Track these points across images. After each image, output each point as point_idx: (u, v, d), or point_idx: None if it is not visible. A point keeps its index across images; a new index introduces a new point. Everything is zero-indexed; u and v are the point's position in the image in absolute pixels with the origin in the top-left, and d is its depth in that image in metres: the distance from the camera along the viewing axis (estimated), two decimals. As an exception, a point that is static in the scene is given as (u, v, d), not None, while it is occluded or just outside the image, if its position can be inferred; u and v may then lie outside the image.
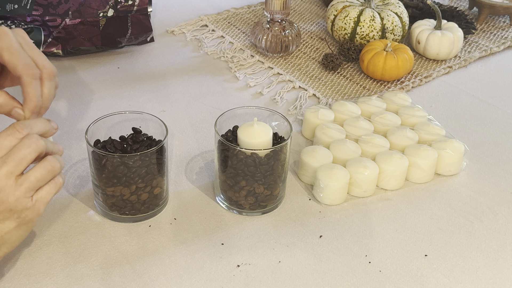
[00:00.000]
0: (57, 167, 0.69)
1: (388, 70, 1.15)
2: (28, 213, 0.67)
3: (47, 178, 0.68)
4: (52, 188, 0.69)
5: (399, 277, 0.79)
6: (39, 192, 0.68)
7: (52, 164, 0.68)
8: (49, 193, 0.69)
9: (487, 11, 1.39)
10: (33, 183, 0.66)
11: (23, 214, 0.66)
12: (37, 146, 0.67)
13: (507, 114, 1.12)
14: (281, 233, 0.84)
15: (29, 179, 0.66)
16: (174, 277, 0.77)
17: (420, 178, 0.94)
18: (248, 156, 0.82)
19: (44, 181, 0.68)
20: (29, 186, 0.66)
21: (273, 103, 1.12)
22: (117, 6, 1.16)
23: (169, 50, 1.26)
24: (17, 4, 1.13)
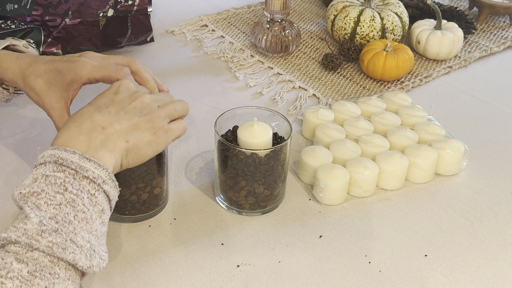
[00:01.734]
0: (188, 107, 0.80)
1: (388, 70, 1.15)
2: (162, 134, 0.74)
3: (180, 113, 0.78)
4: (181, 127, 0.78)
5: (399, 277, 0.79)
6: (173, 123, 0.77)
7: (186, 104, 0.80)
8: (178, 129, 0.77)
9: (487, 11, 1.39)
10: (171, 109, 0.77)
11: (158, 132, 0.74)
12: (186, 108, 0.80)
13: (507, 114, 1.12)
14: (281, 233, 0.84)
15: (169, 106, 0.77)
16: (174, 277, 0.77)
17: (420, 178, 0.94)
18: (248, 156, 0.82)
19: (178, 114, 0.78)
20: (168, 111, 0.76)
21: (273, 103, 1.12)
22: (117, 6, 1.16)
23: (169, 50, 1.26)
24: (17, 4, 1.13)
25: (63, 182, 0.64)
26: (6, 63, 0.84)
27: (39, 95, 0.82)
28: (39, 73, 0.82)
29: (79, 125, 0.70)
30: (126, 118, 0.72)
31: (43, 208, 0.62)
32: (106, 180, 0.67)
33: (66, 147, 0.67)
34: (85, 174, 0.66)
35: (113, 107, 0.72)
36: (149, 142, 0.73)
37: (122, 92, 0.74)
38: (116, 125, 0.71)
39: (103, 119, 0.70)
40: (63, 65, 0.81)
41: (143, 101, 0.74)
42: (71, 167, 0.66)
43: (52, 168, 0.65)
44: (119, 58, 0.84)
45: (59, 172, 0.65)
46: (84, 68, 0.80)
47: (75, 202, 0.64)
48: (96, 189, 0.66)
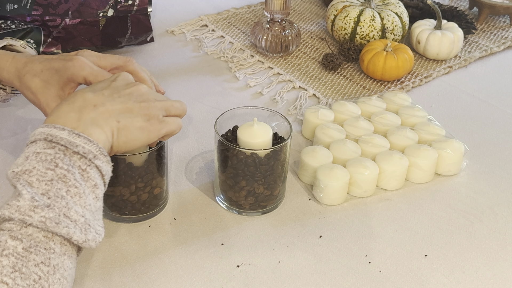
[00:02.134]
0: (185, 109, 0.79)
1: (388, 70, 1.15)
2: (155, 122, 0.74)
3: (178, 111, 0.77)
4: (177, 123, 0.77)
5: (399, 277, 0.79)
6: (168, 118, 0.76)
7: (184, 105, 0.79)
8: (173, 123, 0.76)
9: (487, 11, 1.39)
10: (168, 104, 0.76)
11: (152, 120, 0.73)
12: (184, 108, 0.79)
13: (507, 114, 1.12)
14: (281, 233, 0.84)
15: (167, 101, 0.76)
16: (174, 277, 0.77)
17: (420, 178, 0.94)
18: (248, 156, 0.82)
19: (175, 110, 0.77)
20: (165, 105, 0.75)
21: (273, 103, 1.12)
22: (117, 6, 1.16)
23: (169, 50, 1.26)
24: (17, 4, 1.13)
25: (54, 158, 0.64)
26: (2, 62, 0.84)
27: (35, 94, 0.82)
28: (35, 72, 0.82)
29: (71, 103, 0.70)
30: (119, 101, 0.72)
31: (35, 185, 0.62)
32: (97, 155, 0.67)
33: (55, 124, 0.67)
34: (75, 150, 0.66)
35: (108, 90, 0.72)
36: (141, 127, 0.72)
37: (119, 80, 0.75)
38: (108, 105, 0.70)
39: (96, 98, 0.70)
40: (59, 64, 0.81)
41: (140, 89, 0.74)
42: (61, 143, 0.65)
43: (42, 145, 0.65)
44: (116, 58, 0.84)
45: (49, 148, 0.65)
46: (82, 69, 0.80)
47: (67, 178, 0.64)
48: (87, 164, 0.66)
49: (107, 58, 0.84)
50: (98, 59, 0.83)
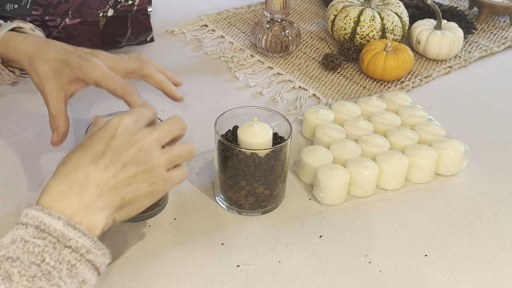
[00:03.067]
0: (194, 152, 0.73)
1: (388, 70, 1.15)
2: (160, 183, 0.69)
3: (185, 158, 0.71)
4: (181, 175, 0.72)
5: (399, 277, 0.79)
6: (174, 171, 0.71)
7: (192, 147, 0.72)
8: (178, 177, 0.72)
9: (487, 11, 1.39)
10: (174, 156, 0.70)
11: (157, 182, 0.68)
12: (183, 125, 0.72)
13: (507, 114, 1.12)
14: (281, 233, 0.84)
15: (173, 151, 0.70)
16: (174, 277, 0.77)
17: (420, 178, 0.94)
18: (248, 156, 0.82)
19: (182, 160, 0.71)
20: (171, 158, 0.70)
21: (273, 103, 1.12)
22: (117, 6, 1.16)
23: (169, 50, 1.26)
24: (17, 4, 1.13)
25: (42, 251, 0.60)
26: (14, 42, 0.84)
27: (41, 80, 0.81)
28: (47, 59, 0.81)
29: (72, 180, 0.64)
30: (123, 171, 0.65)
31: (15, 279, 0.58)
32: (90, 249, 0.62)
33: (51, 210, 0.62)
34: (67, 244, 0.61)
35: (109, 157, 0.65)
36: (146, 194, 0.68)
37: (119, 136, 0.67)
38: (111, 182, 0.65)
39: (98, 175, 0.64)
40: (74, 60, 0.80)
41: (141, 148, 0.67)
42: (53, 235, 0.61)
43: (32, 233, 0.61)
44: (131, 63, 0.83)
45: (39, 239, 0.60)
46: (94, 72, 0.79)
47: (51, 275, 0.60)
48: (77, 259, 0.61)
49: (122, 62, 0.83)
50: (113, 62, 0.82)
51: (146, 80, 0.84)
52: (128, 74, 0.83)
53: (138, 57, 0.85)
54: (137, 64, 0.83)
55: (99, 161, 0.65)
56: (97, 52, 0.83)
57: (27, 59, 0.82)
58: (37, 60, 0.81)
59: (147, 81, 0.84)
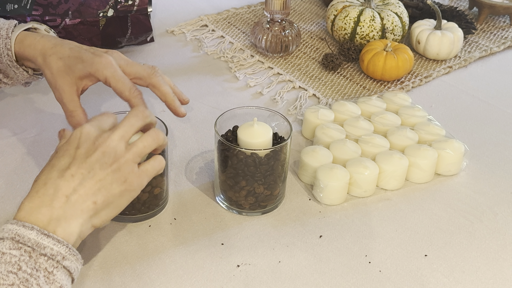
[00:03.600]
0: (161, 137, 0.73)
1: (388, 70, 1.15)
2: (134, 179, 0.70)
3: (152, 146, 0.72)
4: (157, 164, 0.73)
5: (399, 277, 0.79)
6: (146, 164, 0.72)
7: (157, 133, 0.73)
8: (154, 168, 0.73)
9: (487, 11, 1.39)
10: (140, 148, 0.71)
11: (129, 179, 0.70)
12: (144, 115, 0.73)
13: (507, 114, 1.12)
14: (281, 233, 0.84)
15: (137, 145, 0.71)
16: (174, 277, 0.77)
17: (420, 178, 0.94)
18: (248, 156, 0.82)
19: (150, 149, 0.72)
20: (137, 151, 0.70)
21: (273, 103, 1.12)
22: (117, 6, 1.16)
23: (169, 50, 1.26)
24: (17, 4, 1.13)
25: (18, 260, 0.62)
26: (30, 40, 0.85)
27: (54, 76, 0.82)
28: (62, 55, 0.82)
29: (42, 195, 0.66)
30: (89, 177, 0.67)
31: None
32: (66, 255, 0.64)
33: (25, 222, 0.64)
34: (42, 252, 0.63)
35: (75, 167, 0.67)
36: (121, 192, 0.69)
37: (83, 143, 0.69)
38: (80, 190, 0.67)
39: (66, 186, 0.66)
40: (87, 56, 0.82)
41: (105, 150, 0.68)
42: (28, 244, 0.63)
43: (9, 245, 0.63)
44: (141, 69, 0.84)
45: (15, 249, 0.62)
46: (106, 69, 0.80)
47: (29, 282, 0.61)
48: (54, 266, 0.63)
49: (133, 66, 0.84)
50: (125, 63, 0.84)
51: (152, 90, 0.85)
52: (137, 79, 0.85)
53: (152, 66, 0.86)
54: (147, 72, 0.84)
55: (65, 173, 0.67)
56: (111, 51, 0.85)
57: (41, 56, 0.84)
58: (52, 56, 0.83)
59: (153, 90, 0.85)
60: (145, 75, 0.84)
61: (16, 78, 0.90)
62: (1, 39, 0.86)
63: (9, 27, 0.86)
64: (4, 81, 0.91)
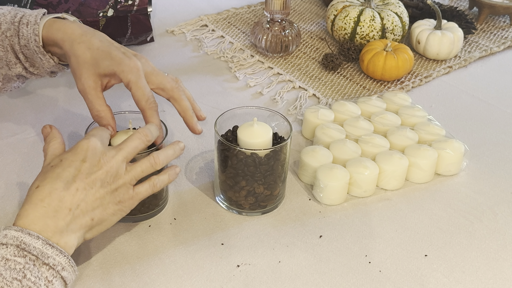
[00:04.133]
0: (158, 163, 0.76)
1: (388, 70, 1.15)
2: (126, 200, 0.74)
3: (150, 171, 0.76)
4: (150, 188, 0.76)
5: (399, 277, 0.79)
6: (139, 187, 0.75)
7: (155, 159, 0.76)
8: (146, 191, 0.76)
9: (487, 11, 1.39)
10: (138, 172, 0.75)
11: (123, 200, 0.74)
12: (147, 138, 0.77)
13: (507, 114, 1.12)
14: (281, 233, 0.84)
15: (136, 168, 0.75)
16: (174, 277, 0.77)
17: (420, 178, 0.94)
18: (248, 156, 0.82)
19: (147, 173, 0.76)
20: (135, 175, 0.74)
21: (273, 103, 1.12)
22: (117, 6, 1.16)
23: (169, 50, 1.26)
24: (17, 4, 1.13)
25: (23, 268, 0.64)
26: (59, 25, 0.84)
27: (80, 66, 0.81)
28: (91, 46, 0.81)
29: (47, 205, 0.68)
30: (91, 193, 0.71)
31: None
32: (65, 266, 0.67)
33: (30, 231, 0.66)
34: (45, 261, 0.65)
35: (79, 181, 0.70)
36: (114, 212, 0.73)
37: (89, 158, 0.72)
38: (82, 205, 0.70)
39: (70, 199, 0.69)
40: (117, 54, 0.81)
41: (109, 170, 0.72)
42: (33, 253, 0.65)
43: (13, 251, 0.64)
44: (166, 80, 0.84)
45: (20, 257, 0.64)
46: (132, 73, 0.80)
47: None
48: (54, 276, 0.66)
49: (158, 76, 0.84)
50: (151, 71, 0.84)
51: (172, 103, 0.85)
52: (159, 89, 0.85)
53: (176, 79, 0.86)
54: (171, 84, 0.84)
55: (71, 186, 0.70)
56: (140, 56, 0.85)
57: (69, 42, 0.82)
58: (80, 45, 0.82)
59: (173, 104, 0.85)
60: (168, 87, 0.84)
61: (42, 67, 0.89)
62: (29, 25, 0.84)
63: (38, 14, 0.86)
64: (30, 70, 0.90)
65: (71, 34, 0.83)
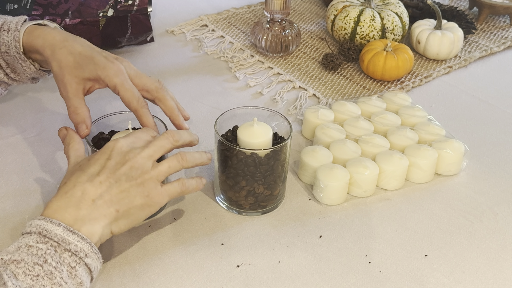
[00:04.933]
0: (185, 160, 0.77)
1: (388, 70, 1.15)
2: (155, 195, 0.74)
3: (177, 168, 0.76)
4: (179, 187, 0.77)
5: (399, 277, 0.79)
6: (168, 185, 0.76)
7: (182, 156, 0.77)
8: (175, 189, 0.76)
9: (487, 11, 1.39)
10: (165, 168, 0.75)
11: (151, 194, 0.73)
12: (174, 139, 0.77)
13: (507, 114, 1.12)
14: (281, 233, 0.84)
15: (163, 164, 0.75)
16: (174, 277, 0.77)
17: (420, 178, 0.94)
18: (248, 156, 0.82)
19: (174, 170, 0.76)
20: (162, 170, 0.75)
21: (273, 103, 1.12)
22: (117, 6, 1.16)
23: (169, 50, 1.26)
24: (17, 4, 1.13)
25: (44, 254, 0.65)
26: (39, 31, 0.85)
27: (62, 70, 0.82)
28: (73, 51, 0.82)
29: (70, 196, 0.70)
30: (116, 186, 0.71)
31: (20, 278, 0.63)
32: (88, 253, 0.67)
33: (52, 219, 0.68)
34: (67, 247, 0.66)
35: (104, 175, 0.71)
36: (142, 205, 0.73)
37: (114, 157, 0.73)
38: (105, 196, 0.71)
39: (94, 190, 0.70)
40: (100, 59, 0.82)
41: (133, 165, 0.73)
42: (54, 239, 0.66)
43: (36, 238, 0.66)
44: (149, 82, 0.85)
45: (41, 243, 0.66)
46: (117, 77, 0.81)
47: (53, 275, 0.64)
48: (77, 262, 0.66)
49: (142, 78, 0.85)
50: (134, 74, 0.85)
51: (158, 103, 0.86)
52: (144, 91, 0.85)
53: (158, 80, 0.87)
54: (155, 85, 0.85)
55: (94, 179, 0.71)
56: (121, 59, 0.85)
57: (50, 48, 0.83)
58: (62, 50, 0.82)
59: (159, 104, 0.86)
60: (153, 88, 0.85)
61: (23, 73, 0.89)
62: (10, 32, 0.85)
63: (19, 20, 0.87)
64: (11, 77, 0.91)
65: (52, 40, 0.83)
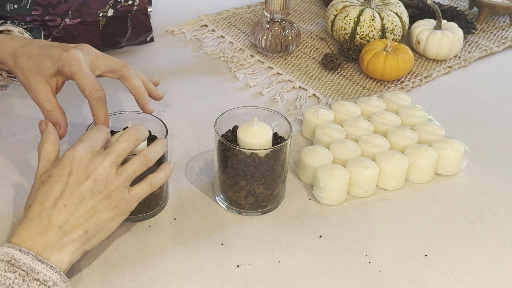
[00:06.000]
0: (149, 159, 0.75)
1: (388, 70, 1.15)
2: (123, 204, 0.73)
3: (142, 169, 0.74)
4: (147, 187, 0.75)
5: (399, 277, 0.79)
6: (136, 188, 0.74)
7: (145, 156, 0.75)
8: (144, 191, 0.75)
9: (487, 11, 1.39)
10: (130, 173, 0.73)
11: (119, 204, 0.72)
12: (136, 138, 0.75)
13: (507, 114, 1.12)
14: (281, 233, 0.84)
15: (127, 169, 0.73)
16: (174, 277, 0.77)
17: (420, 178, 0.94)
18: (248, 156, 0.82)
19: (140, 172, 0.74)
20: (127, 176, 0.73)
21: (273, 103, 1.12)
22: (117, 6, 1.16)
23: (169, 50, 1.26)
24: (17, 4, 1.13)
25: (12, 283, 0.64)
26: (0, 42, 0.84)
27: (26, 76, 0.81)
28: (31, 54, 0.81)
29: (37, 224, 0.68)
30: (81, 206, 0.70)
31: None
32: (57, 282, 0.66)
33: (21, 247, 0.67)
34: (35, 277, 0.65)
35: (67, 195, 0.70)
36: (111, 218, 0.72)
37: (75, 170, 0.71)
38: (72, 220, 0.69)
39: (59, 216, 0.69)
40: (56, 52, 0.81)
41: (97, 178, 0.71)
42: (23, 269, 0.65)
43: (4, 267, 0.65)
44: (113, 62, 0.83)
45: (9, 272, 0.64)
46: (72, 65, 0.79)
47: None
48: None
49: (104, 60, 0.83)
50: (96, 57, 0.83)
51: (123, 82, 0.85)
52: (108, 72, 0.84)
53: (125, 61, 0.85)
54: (118, 64, 0.83)
55: (58, 203, 0.69)
56: (81, 45, 0.84)
57: (12, 58, 0.83)
58: (21, 57, 0.82)
59: (124, 83, 0.84)
60: (116, 67, 0.83)
61: None
62: None
63: None
64: None
65: (11, 50, 0.83)
